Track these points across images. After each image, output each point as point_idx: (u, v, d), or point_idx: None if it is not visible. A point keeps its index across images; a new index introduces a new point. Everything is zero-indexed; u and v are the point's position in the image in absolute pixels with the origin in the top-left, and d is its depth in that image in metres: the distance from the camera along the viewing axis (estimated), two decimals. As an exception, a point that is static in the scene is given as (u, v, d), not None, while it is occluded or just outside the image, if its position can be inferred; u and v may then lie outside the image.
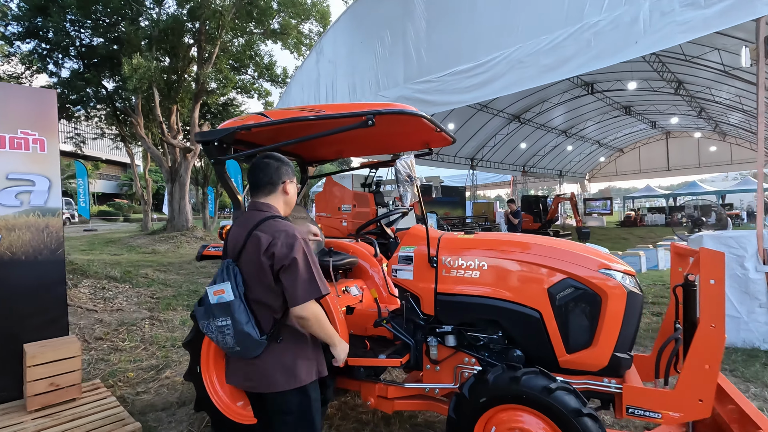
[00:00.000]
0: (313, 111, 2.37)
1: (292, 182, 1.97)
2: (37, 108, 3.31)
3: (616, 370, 2.10)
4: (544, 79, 6.54)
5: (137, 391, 3.51)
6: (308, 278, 1.64)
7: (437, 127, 2.64)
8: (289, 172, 1.97)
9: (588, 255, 2.17)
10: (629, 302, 2.07)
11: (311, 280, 1.65)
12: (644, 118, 24.34)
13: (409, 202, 2.26)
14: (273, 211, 1.83)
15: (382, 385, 2.50)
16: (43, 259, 3.29)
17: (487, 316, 2.30)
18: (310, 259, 1.68)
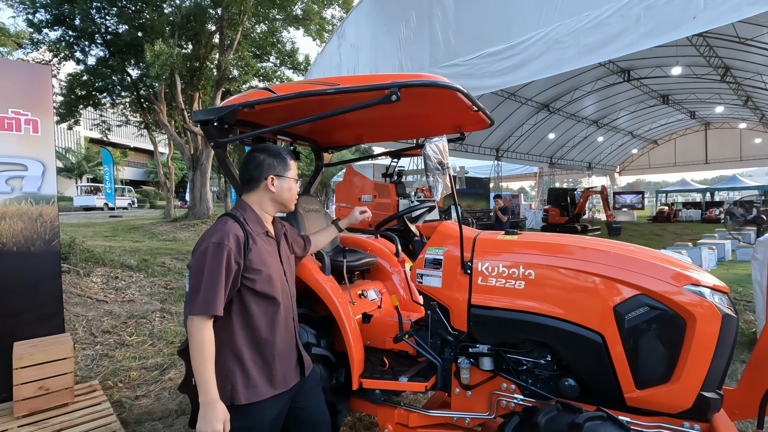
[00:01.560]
0: (327, 84, 1.96)
1: (280, 177, 1.70)
2: (30, 85, 3.03)
3: (702, 413, 1.65)
4: (585, 60, 5.95)
5: (137, 395, 3.25)
6: (192, 290, 1.47)
7: (474, 104, 2.20)
8: (276, 166, 1.70)
9: (667, 265, 1.72)
10: (724, 327, 1.61)
11: (193, 292, 1.46)
12: (683, 108, 22.95)
13: (440, 194, 1.85)
14: (241, 209, 1.68)
15: (403, 410, 2.12)
16: (36, 251, 3.04)
17: (532, 336, 1.88)
18: (204, 269, 1.47)
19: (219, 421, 1.41)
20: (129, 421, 2.88)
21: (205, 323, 1.44)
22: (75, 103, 17.24)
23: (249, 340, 1.58)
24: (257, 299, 1.58)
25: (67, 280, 5.35)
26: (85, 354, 3.98)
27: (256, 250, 1.59)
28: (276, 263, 1.68)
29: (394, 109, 2.42)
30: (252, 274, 1.56)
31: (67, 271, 5.55)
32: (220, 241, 1.50)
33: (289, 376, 1.66)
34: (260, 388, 1.56)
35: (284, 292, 1.68)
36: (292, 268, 1.83)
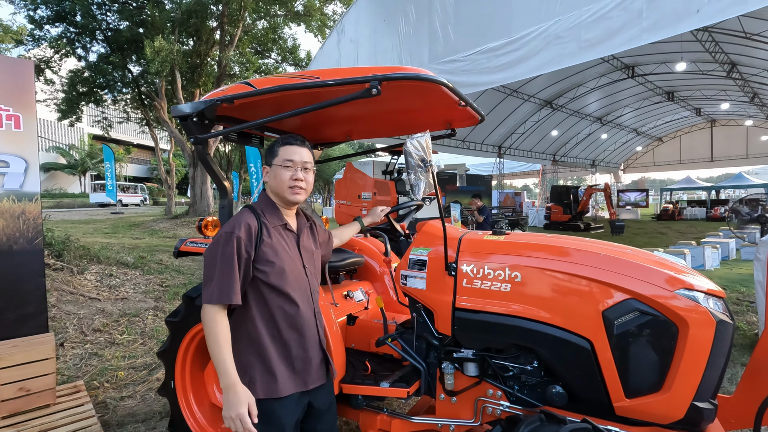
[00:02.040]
0: (306, 78, 1.88)
1: (271, 167, 1.68)
2: (11, 80, 2.96)
3: (695, 424, 1.57)
4: (586, 55, 5.85)
5: (122, 396, 3.19)
6: (205, 279, 1.49)
7: (461, 99, 2.11)
8: (267, 154, 1.69)
9: (660, 268, 1.63)
10: (718, 334, 1.53)
11: (206, 280, 1.48)
12: (688, 105, 22.68)
13: (422, 192, 1.77)
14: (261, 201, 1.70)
15: (385, 416, 2.04)
16: (19, 249, 2.98)
17: (519, 341, 1.80)
18: (216, 258, 1.47)
19: (243, 404, 1.37)
20: (111, 423, 2.82)
21: (218, 312, 1.43)
22: (76, 99, 17.22)
23: (270, 333, 1.55)
24: (272, 292, 1.55)
25: (60, 277, 5.32)
26: (74, 353, 3.94)
27: (269, 241, 1.56)
28: (292, 257, 1.63)
29: (381, 104, 2.34)
30: (264, 265, 1.53)
31: (60, 269, 5.51)
32: (231, 230, 1.50)
33: (311, 377, 1.61)
34: (281, 384, 1.52)
35: (301, 286, 1.63)
36: (315, 264, 1.77)
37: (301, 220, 1.78)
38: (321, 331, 1.71)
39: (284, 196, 1.65)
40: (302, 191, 1.66)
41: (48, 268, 5.38)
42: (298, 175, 1.64)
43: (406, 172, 1.77)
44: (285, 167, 1.64)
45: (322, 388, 1.66)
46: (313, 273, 1.72)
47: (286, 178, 1.63)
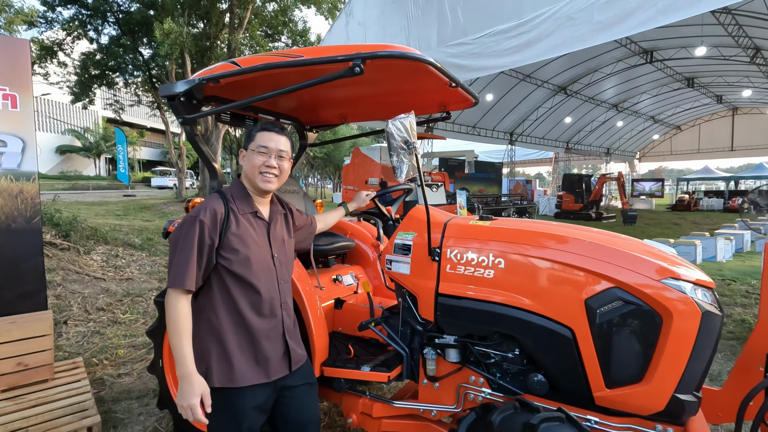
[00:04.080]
0: (291, 56, 1.83)
1: (246, 152, 1.65)
2: (7, 59, 2.96)
3: (675, 416, 1.53)
4: (599, 38, 5.65)
5: (119, 373, 3.26)
6: (169, 263, 1.49)
7: (451, 79, 2.05)
8: (244, 139, 1.67)
9: (647, 257, 1.57)
10: (704, 326, 1.47)
11: (169, 265, 1.48)
12: (709, 92, 21.97)
13: (404, 175, 1.72)
14: (233, 186, 1.67)
15: (367, 400, 2.04)
16: (17, 228, 3.02)
17: (501, 328, 1.77)
18: (179, 243, 1.46)
19: (196, 395, 1.37)
20: (107, 399, 2.89)
21: (178, 297, 1.42)
22: (89, 82, 17.36)
23: (232, 322, 1.52)
24: (235, 281, 1.52)
25: (66, 257, 5.42)
26: (77, 331, 4.03)
27: (236, 229, 1.53)
28: (260, 246, 1.59)
29: (374, 86, 2.29)
30: (228, 253, 1.50)
31: (67, 248, 5.62)
32: (196, 215, 1.48)
33: (272, 369, 1.57)
34: (237, 374, 1.50)
35: (268, 276, 1.59)
36: (287, 254, 1.73)
37: (275, 208, 1.74)
38: (287, 322, 1.65)
39: (255, 182, 1.61)
40: (274, 179, 1.63)
41: (54, 247, 5.49)
42: (271, 162, 1.60)
43: (389, 154, 1.72)
44: (259, 153, 1.60)
45: (294, 374, 1.64)
46: (283, 262, 1.67)
47: (258, 164, 1.59)
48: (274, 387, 1.59)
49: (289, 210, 1.81)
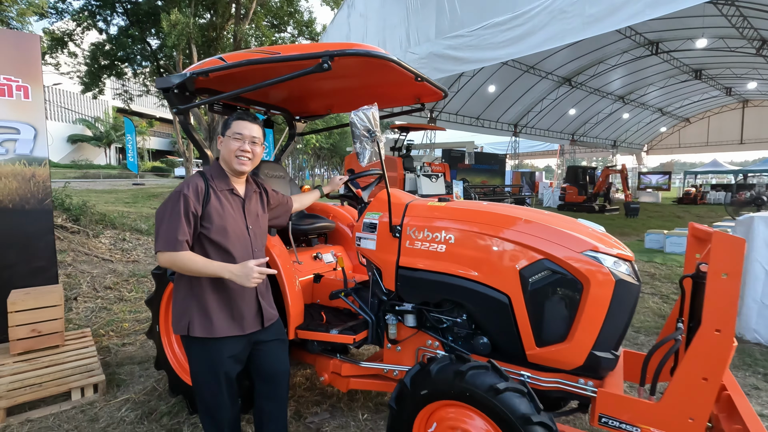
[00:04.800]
0: (269, 53, 2.07)
1: (224, 137, 1.88)
2: (20, 53, 3.23)
3: (594, 370, 1.76)
4: (590, 31, 5.79)
5: (123, 342, 3.56)
6: (156, 231, 1.71)
7: (416, 75, 2.26)
8: (230, 125, 1.86)
9: (573, 233, 1.79)
10: (617, 292, 1.69)
11: (156, 232, 1.71)
12: (717, 84, 21.70)
13: (366, 161, 1.95)
14: (212, 167, 1.90)
15: (337, 361, 2.30)
16: (30, 209, 3.31)
17: (450, 296, 2.00)
18: (165, 212, 1.70)
19: (247, 266, 1.66)
20: (112, 363, 3.18)
21: (171, 254, 1.66)
22: (98, 72, 17.68)
23: (211, 283, 1.77)
24: (213, 246, 1.77)
25: (76, 239, 5.74)
26: (86, 306, 4.34)
27: (214, 203, 1.78)
28: (236, 219, 1.84)
29: (354, 80, 2.50)
30: (208, 222, 1.75)
31: (77, 232, 5.94)
32: (181, 190, 1.72)
33: (246, 324, 1.83)
34: (215, 326, 1.75)
35: (243, 244, 1.84)
36: (261, 226, 1.98)
37: (250, 187, 1.98)
38: (259, 285, 1.87)
39: (231, 164, 1.86)
40: (248, 161, 1.87)
41: (66, 230, 5.81)
42: (245, 146, 1.85)
43: (353, 142, 1.95)
44: (234, 138, 1.84)
45: (264, 331, 1.90)
46: (257, 234, 1.92)
47: (234, 148, 1.83)
48: (248, 341, 1.85)
49: (263, 190, 2.05)
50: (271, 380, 1.93)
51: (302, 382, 2.87)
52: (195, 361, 1.74)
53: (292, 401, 2.62)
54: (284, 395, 1.99)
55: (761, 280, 3.61)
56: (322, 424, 2.39)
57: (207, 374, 1.78)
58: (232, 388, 1.84)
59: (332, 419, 2.43)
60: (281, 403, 1.98)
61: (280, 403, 1.97)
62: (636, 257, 7.05)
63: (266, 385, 1.95)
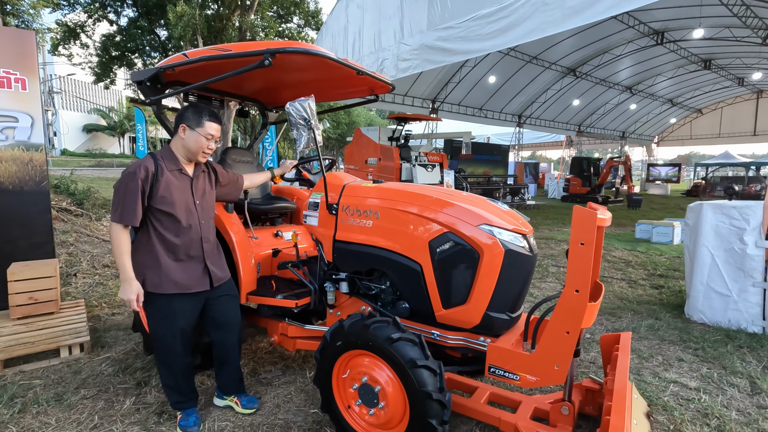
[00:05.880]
0: (221, 50, 2.34)
1: (188, 128, 2.13)
2: (17, 48, 3.55)
3: (490, 329, 2.02)
4: (569, 23, 5.91)
5: (113, 312, 3.93)
6: (113, 205, 2.02)
7: (357, 70, 2.50)
8: (191, 119, 2.13)
9: (474, 209, 2.04)
10: (507, 261, 1.95)
11: (113, 205, 2.01)
12: (728, 74, 21.27)
13: (302, 147, 2.22)
14: (163, 149, 2.17)
15: (285, 324, 2.60)
16: (28, 190, 3.66)
17: (375, 266, 2.28)
18: (120, 189, 1.99)
19: (133, 293, 1.98)
20: (100, 329, 3.55)
21: (121, 229, 1.99)
22: (109, 63, 18.17)
23: (162, 248, 2.09)
24: (164, 217, 2.08)
25: (79, 222, 6.15)
26: (84, 282, 4.72)
27: (163, 181, 2.08)
28: (183, 194, 2.14)
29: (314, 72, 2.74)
30: (158, 197, 2.05)
31: (81, 215, 6.35)
32: (134, 170, 2.00)
33: (194, 282, 2.15)
34: (164, 284, 2.08)
35: (190, 215, 2.15)
36: (208, 200, 2.27)
37: (198, 167, 2.27)
38: (207, 250, 2.20)
39: (196, 157, 2.17)
40: (209, 155, 2.22)
41: (69, 213, 6.22)
42: (211, 145, 2.18)
43: (290, 129, 2.23)
44: (207, 138, 2.14)
45: (215, 290, 2.22)
46: (204, 207, 2.22)
47: (204, 145, 2.15)
48: (199, 298, 2.17)
49: (211, 169, 2.35)
50: (222, 328, 2.27)
51: (265, 347, 3.19)
52: (150, 313, 2.07)
53: (251, 361, 2.95)
54: (235, 341, 2.34)
55: (707, 265, 3.80)
56: (273, 379, 2.70)
57: (161, 325, 2.11)
58: (185, 338, 2.17)
59: (283, 376, 2.75)
60: (233, 348, 2.33)
61: (230, 346, 2.32)
62: (620, 246, 7.20)
63: (219, 333, 2.30)
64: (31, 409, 2.36)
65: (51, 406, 2.40)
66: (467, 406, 2.14)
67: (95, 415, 2.31)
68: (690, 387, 2.66)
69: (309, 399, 2.48)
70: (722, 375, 2.83)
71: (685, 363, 3.00)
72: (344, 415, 2.04)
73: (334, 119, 31.91)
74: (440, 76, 15.77)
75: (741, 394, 2.61)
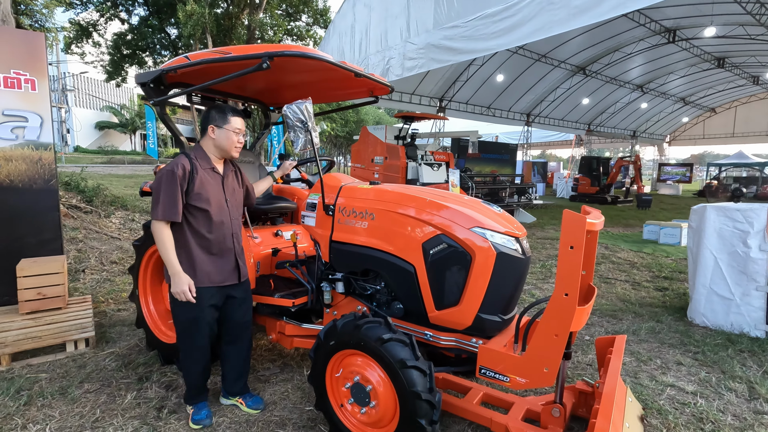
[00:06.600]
0: (222, 53, 2.38)
1: (217, 128, 2.23)
2: (27, 50, 3.63)
3: (481, 330, 2.04)
4: (575, 22, 5.87)
5: (119, 308, 4.01)
6: (153, 203, 2.08)
7: (355, 73, 2.53)
8: (216, 118, 2.24)
9: (467, 212, 2.06)
10: (499, 263, 1.96)
11: (154, 203, 2.07)
12: (743, 73, 20.87)
13: (299, 148, 2.26)
14: (195, 149, 2.26)
15: (282, 322, 2.64)
16: (37, 188, 3.75)
17: (370, 266, 2.31)
18: (161, 187, 2.06)
19: (185, 284, 2.07)
20: (105, 324, 3.63)
21: (163, 226, 2.08)
22: (121, 61, 18.43)
23: (197, 244, 2.18)
24: (199, 213, 2.17)
25: (88, 218, 6.26)
26: (92, 278, 4.83)
27: (198, 178, 2.18)
28: (216, 191, 2.24)
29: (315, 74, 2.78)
30: (194, 194, 2.15)
31: (90, 212, 6.47)
32: (172, 168, 2.10)
33: (226, 276, 2.25)
34: (199, 277, 2.17)
35: (222, 212, 2.25)
36: (237, 198, 2.38)
37: (227, 167, 2.38)
38: (236, 247, 2.31)
39: (230, 153, 2.27)
40: (240, 149, 2.31)
41: (79, 210, 6.34)
42: (241, 139, 2.29)
43: (287, 131, 2.26)
44: (234, 132, 2.24)
45: (238, 286, 2.30)
46: (233, 204, 2.33)
47: (234, 141, 2.26)
48: (224, 292, 2.26)
49: (238, 169, 2.45)
50: (236, 328, 2.35)
51: (265, 344, 3.25)
52: (180, 304, 2.14)
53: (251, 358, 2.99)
54: (246, 340, 2.41)
55: (710, 267, 3.77)
56: (271, 376, 2.75)
57: (191, 317, 2.18)
58: (211, 330, 2.26)
59: (281, 373, 2.79)
60: (242, 346, 2.40)
61: (241, 346, 2.40)
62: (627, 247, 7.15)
63: (232, 333, 2.37)
64: (36, 401, 2.44)
65: (55, 399, 2.47)
66: (459, 406, 2.17)
67: (97, 408, 2.38)
68: (687, 391, 2.66)
69: (305, 396, 2.52)
70: (721, 379, 2.82)
71: (684, 367, 2.99)
72: (337, 414, 2.07)
73: (342, 117, 31.98)
74: (448, 75, 15.72)
75: (738, 398, 2.59)
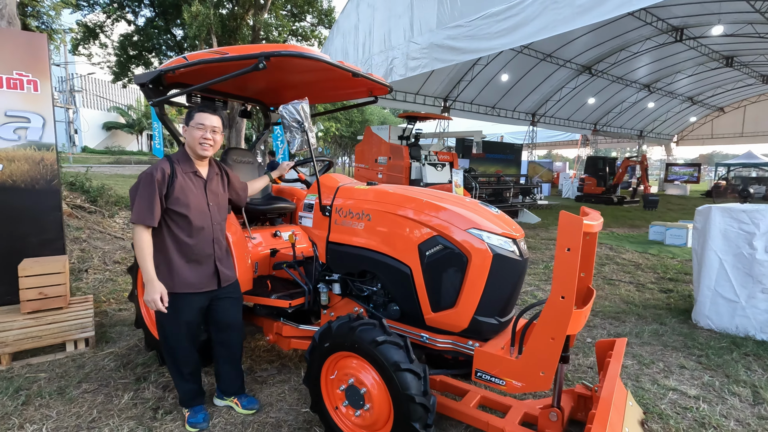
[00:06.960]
0: (218, 53, 2.38)
1: (188, 127, 2.21)
2: (30, 51, 3.66)
3: (478, 333, 2.02)
4: (579, 21, 5.83)
5: (120, 308, 4.03)
6: (131, 206, 2.07)
7: (352, 72, 2.52)
8: (186, 117, 2.21)
9: (464, 213, 2.04)
10: (495, 265, 1.93)
11: (132, 207, 2.05)
12: (752, 72, 20.61)
13: (296, 148, 2.25)
14: (178, 152, 2.25)
15: (280, 323, 2.63)
16: (40, 188, 3.77)
17: (367, 267, 2.29)
18: (138, 191, 2.04)
19: (157, 293, 2.03)
20: (106, 324, 3.64)
21: (142, 230, 2.05)
22: (127, 62, 18.56)
23: (176, 249, 2.15)
24: (179, 218, 2.14)
25: (92, 218, 6.31)
26: (95, 277, 4.85)
27: (178, 182, 2.14)
28: (198, 195, 2.20)
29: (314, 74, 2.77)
30: (173, 199, 2.11)
31: (94, 212, 6.51)
32: (151, 172, 2.07)
33: (204, 282, 2.22)
34: (176, 283, 2.14)
35: (203, 217, 2.20)
36: (219, 202, 2.32)
37: (212, 170, 2.33)
38: (217, 252, 2.26)
39: (195, 150, 2.20)
40: (210, 147, 2.22)
41: (83, 210, 6.38)
42: (206, 135, 2.19)
43: (284, 131, 2.25)
44: (197, 128, 2.18)
45: (224, 289, 2.27)
46: (216, 210, 2.28)
47: (197, 137, 2.18)
48: (206, 297, 2.23)
49: (225, 172, 2.41)
50: (224, 329, 2.33)
51: (263, 345, 3.24)
52: (160, 312, 2.12)
53: (248, 359, 2.99)
54: (236, 342, 2.38)
55: (715, 269, 3.71)
56: (268, 377, 2.74)
57: (170, 323, 2.18)
58: (191, 335, 2.25)
59: (278, 374, 2.78)
60: (234, 348, 2.38)
61: (232, 348, 2.38)
62: (632, 248, 7.08)
63: (221, 334, 2.35)
64: (34, 401, 2.45)
65: (53, 399, 2.48)
66: (456, 409, 2.15)
67: (94, 409, 2.38)
68: (689, 395, 2.61)
69: (301, 398, 2.51)
70: (724, 383, 2.77)
71: (687, 370, 2.94)
72: (332, 416, 2.06)
73: (347, 117, 31.99)
74: (452, 75, 15.68)
75: (742, 403, 2.55)
